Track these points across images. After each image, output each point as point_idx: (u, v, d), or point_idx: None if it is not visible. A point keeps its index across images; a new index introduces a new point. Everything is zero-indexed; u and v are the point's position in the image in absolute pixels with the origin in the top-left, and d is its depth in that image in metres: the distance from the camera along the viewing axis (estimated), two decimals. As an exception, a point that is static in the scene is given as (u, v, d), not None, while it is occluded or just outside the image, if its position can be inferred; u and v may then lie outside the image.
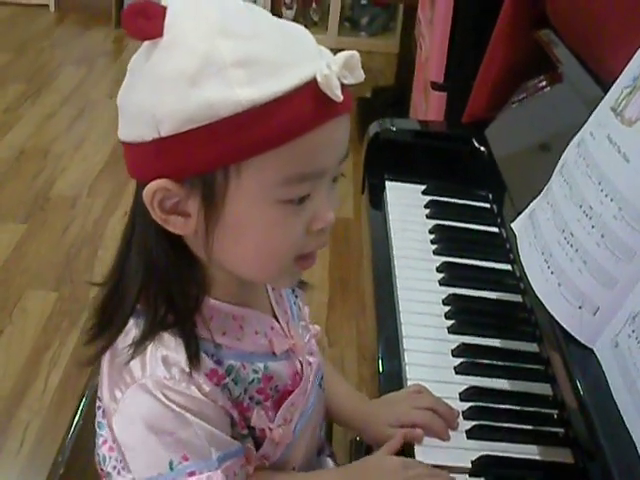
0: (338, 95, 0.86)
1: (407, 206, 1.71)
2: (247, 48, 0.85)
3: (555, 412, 1.22)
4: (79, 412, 1.33)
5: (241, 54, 0.84)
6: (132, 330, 0.97)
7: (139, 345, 0.95)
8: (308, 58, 0.88)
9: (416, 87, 3.10)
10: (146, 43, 0.89)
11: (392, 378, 1.29)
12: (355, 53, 0.88)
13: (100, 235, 3.32)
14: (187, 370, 0.94)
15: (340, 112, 0.89)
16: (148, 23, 0.87)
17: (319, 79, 0.85)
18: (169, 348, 0.94)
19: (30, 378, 2.60)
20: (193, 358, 0.94)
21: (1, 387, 2.56)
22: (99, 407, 1.06)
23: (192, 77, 0.84)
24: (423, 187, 1.76)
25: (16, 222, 3.36)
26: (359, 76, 0.89)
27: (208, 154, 0.86)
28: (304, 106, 0.86)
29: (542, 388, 1.26)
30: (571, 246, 1.14)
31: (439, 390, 1.24)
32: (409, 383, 1.27)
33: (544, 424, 1.21)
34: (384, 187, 1.77)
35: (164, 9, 0.88)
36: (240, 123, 0.84)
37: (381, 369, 1.32)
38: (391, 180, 1.78)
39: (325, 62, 0.86)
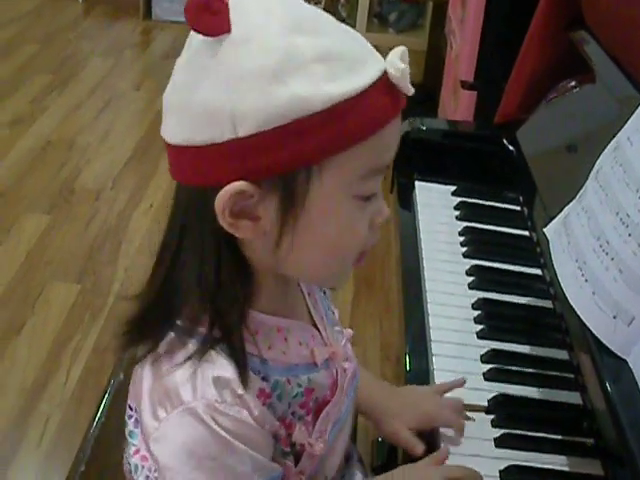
0: (410, 88, 0.87)
1: (437, 207, 1.69)
2: (322, 44, 0.84)
3: (585, 422, 1.20)
4: (101, 408, 1.32)
5: (319, 50, 0.83)
6: (177, 348, 0.93)
7: (187, 364, 0.91)
8: (373, 54, 0.88)
9: (445, 85, 3.08)
10: (201, 38, 0.85)
11: (419, 383, 1.27)
12: (405, 48, 0.88)
13: (124, 228, 3.31)
14: (239, 392, 0.90)
15: (404, 104, 0.89)
16: (214, 18, 0.83)
17: (394, 72, 0.85)
18: (219, 368, 0.91)
19: (52, 370, 2.60)
20: (244, 376, 0.91)
21: (23, 379, 2.56)
22: (130, 416, 1.02)
23: (275, 73, 0.82)
24: (453, 188, 1.75)
25: (40, 213, 3.36)
26: (407, 68, 0.88)
27: (293, 152, 0.83)
28: (382, 99, 0.86)
29: (572, 397, 1.24)
30: (606, 254, 1.12)
31: (467, 397, 1.23)
32: (436, 388, 1.25)
33: (573, 434, 1.19)
34: (413, 187, 1.75)
35: (226, 3, 0.84)
36: (329, 118, 0.82)
37: (408, 374, 1.30)
38: (421, 180, 1.76)
39: (396, 57, 0.86)
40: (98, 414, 1.30)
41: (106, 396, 1.32)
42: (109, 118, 4.22)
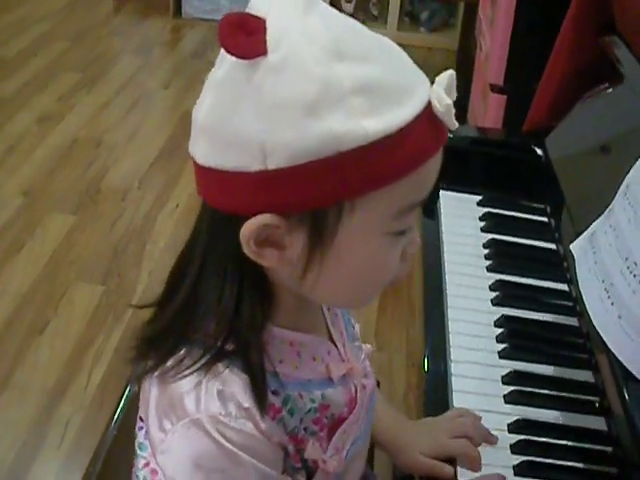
0: (454, 123, 0.82)
1: (461, 217, 1.65)
2: (363, 73, 0.78)
3: (609, 449, 1.15)
4: (118, 411, 1.29)
5: (359, 80, 0.77)
6: (186, 360, 0.90)
7: (193, 375, 0.89)
8: (419, 81, 0.83)
9: (475, 87, 3.04)
10: (234, 59, 0.79)
11: (437, 404, 1.24)
12: (453, 72, 0.83)
13: (149, 229, 3.29)
14: (245, 405, 0.88)
15: (447, 138, 0.84)
16: (250, 40, 0.78)
17: (438, 107, 0.80)
18: (224, 381, 0.88)
19: (73, 372, 2.60)
20: (261, 391, 0.89)
21: (45, 380, 2.56)
22: (141, 428, 1.00)
23: (311, 106, 0.76)
24: (479, 198, 1.70)
25: (66, 212, 3.35)
26: (453, 95, 0.83)
27: (324, 189, 0.78)
28: (424, 134, 0.80)
29: (596, 422, 1.20)
30: (634, 276, 1.07)
31: (486, 420, 1.19)
32: (455, 410, 1.22)
33: (597, 462, 1.15)
34: (438, 196, 1.70)
35: (264, 23, 0.79)
36: (365, 156, 0.77)
37: (426, 392, 1.28)
38: (445, 189, 1.71)
39: (442, 87, 0.81)
40: (113, 421, 1.28)
41: (122, 402, 1.30)
42: (137, 117, 4.21)
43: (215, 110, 0.82)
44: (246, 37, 0.78)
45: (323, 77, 0.77)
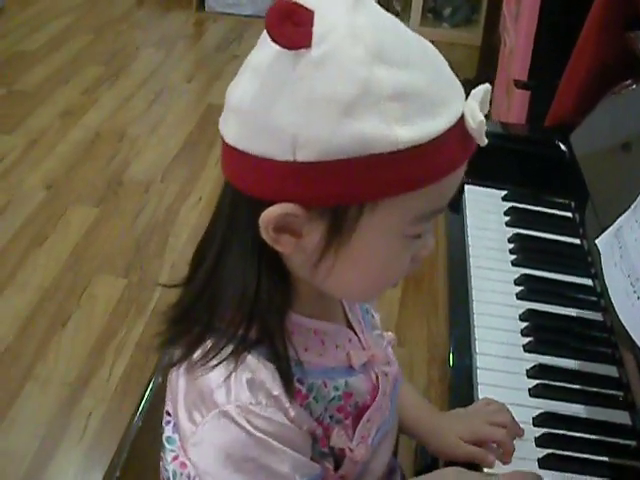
0: (484, 139, 0.83)
1: (486, 212, 1.65)
2: (403, 79, 0.78)
3: (633, 443, 1.16)
4: (143, 403, 1.29)
5: (398, 86, 0.78)
6: (212, 351, 0.91)
7: (222, 366, 0.89)
8: (455, 93, 0.83)
9: (498, 83, 3.03)
10: (277, 47, 0.79)
11: (462, 397, 1.24)
12: (489, 87, 0.84)
13: (172, 222, 3.31)
14: (274, 393, 0.89)
15: (474, 150, 0.84)
16: (296, 30, 0.78)
17: (471, 123, 0.81)
18: (253, 370, 0.89)
19: (95, 365, 2.60)
20: (287, 379, 0.90)
21: (66, 373, 2.57)
22: (168, 422, 1.01)
23: (347, 105, 0.77)
24: (503, 193, 1.70)
25: (89, 205, 3.37)
26: (485, 109, 0.83)
27: (349, 188, 0.79)
28: (453, 147, 0.81)
29: (620, 416, 1.20)
30: (660, 271, 1.07)
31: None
32: (480, 403, 1.21)
33: (622, 456, 1.15)
34: (462, 190, 1.70)
35: (312, 15, 0.79)
36: (393, 161, 0.78)
37: (451, 385, 1.28)
38: (470, 184, 1.71)
39: (476, 101, 0.82)
40: (138, 412, 1.29)
41: (147, 392, 1.31)
42: (160, 110, 4.22)
43: (251, 95, 0.82)
44: (293, 27, 0.78)
45: (363, 79, 0.77)
